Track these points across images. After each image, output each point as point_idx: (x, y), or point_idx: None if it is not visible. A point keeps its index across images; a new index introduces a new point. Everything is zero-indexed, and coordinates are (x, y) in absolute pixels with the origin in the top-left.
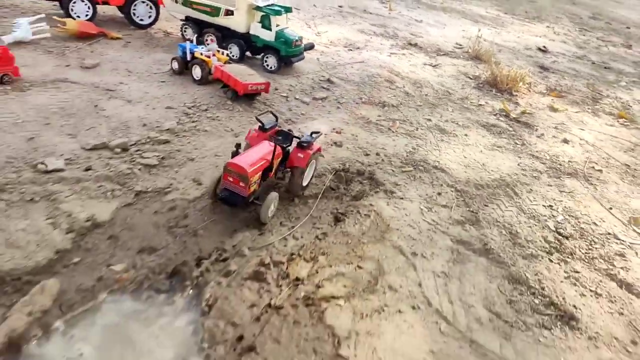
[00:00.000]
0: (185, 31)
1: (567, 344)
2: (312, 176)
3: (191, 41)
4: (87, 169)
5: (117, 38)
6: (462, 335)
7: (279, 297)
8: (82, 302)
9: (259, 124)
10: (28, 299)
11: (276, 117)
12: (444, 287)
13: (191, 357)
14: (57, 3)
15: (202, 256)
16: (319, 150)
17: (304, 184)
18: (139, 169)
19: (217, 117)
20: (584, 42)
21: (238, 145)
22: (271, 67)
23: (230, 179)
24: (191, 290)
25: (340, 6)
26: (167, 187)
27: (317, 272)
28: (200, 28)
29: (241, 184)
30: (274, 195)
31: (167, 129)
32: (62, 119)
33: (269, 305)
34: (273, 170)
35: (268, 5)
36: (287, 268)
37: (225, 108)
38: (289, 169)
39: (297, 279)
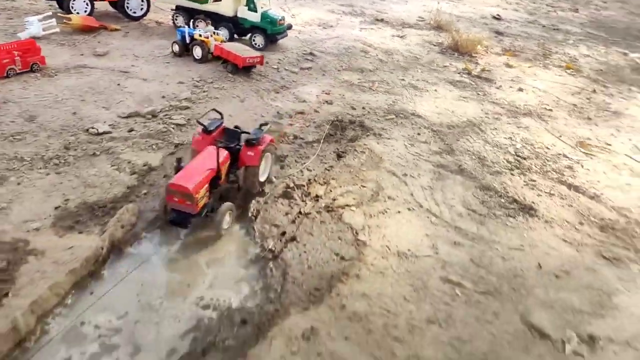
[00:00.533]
0: (176, 19)
1: (529, 225)
2: (270, 168)
3: (187, 27)
4: (130, 130)
5: (116, 29)
6: (448, 224)
7: (305, 207)
8: (158, 219)
9: (201, 127)
10: (118, 217)
11: (221, 114)
12: (431, 195)
13: (249, 248)
14: (53, 3)
15: (239, 186)
16: (271, 141)
17: (262, 179)
18: (172, 128)
19: (223, 87)
20: (534, 9)
21: (179, 160)
22: (259, 45)
23: (176, 199)
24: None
25: None
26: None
27: (331, 191)
28: (190, 15)
29: (187, 202)
30: (227, 206)
31: (185, 98)
32: (93, 96)
33: (300, 212)
34: (223, 177)
35: None
36: (307, 189)
37: (228, 80)
38: (241, 169)
39: (317, 196)
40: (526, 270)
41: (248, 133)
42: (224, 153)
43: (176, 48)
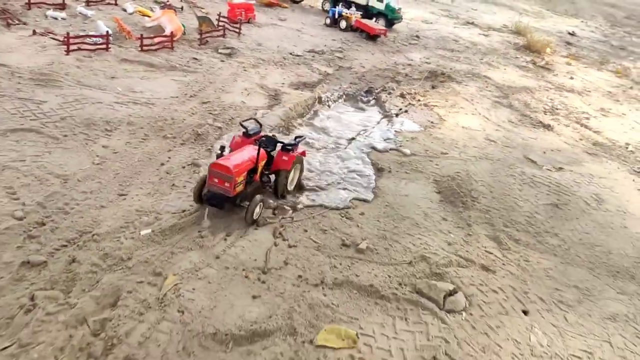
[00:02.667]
0: (325, 4)
1: (544, 133)
2: (299, 179)
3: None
4: (312, 57)
5: (286, 7)
6: (494, 123)
7: (411, 103)
8: (337, 94)
9: (243, 130)
10: (318, 87)
11: (260, 124)
12: (487, 111)
13: (380, 113)
14: None
15: (376, 87)
16: (303, 154)
17: (290, 187)
18: (335, 58)
19: (360, 45)
20: (611, 33)
21: (222, 148)
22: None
23: (216, 180)
24: (374, 99)
25: None
26: (350, 66)
27: (427, 99)
28: (335, 2)
29: (226, 184)
30: (259, 198)
31: (338, 47)
32: (286, 39)
33: (409, 103)
34: (258, 173)
35: None
36: (414, 95)
37: (362, 42)
38: (273, 174)
39: (419, 100)
40: (534, 146)
41: (282, 142)
42: (262, 152)
43: (328, 21)
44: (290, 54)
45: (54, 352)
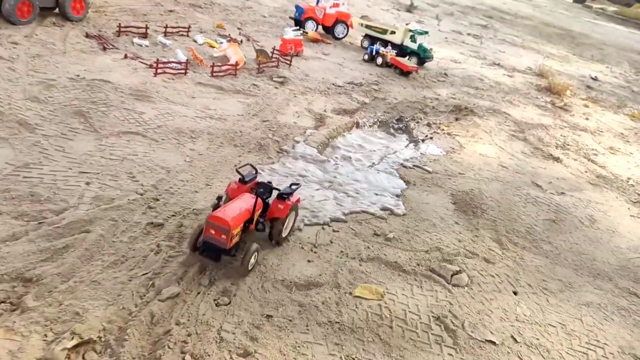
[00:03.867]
0: (363, 42)
1: (553, 164)
2: (293, 227)
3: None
4: (352, 88)
5: (329, 43)
6: (509, 153)
7: (437, 131)
8: (374, 118)
9: (239, 176)
10: (357, 115)
11: (255, 170)
12: (503, 143)
13: (406, 140)
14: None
15: (406, 117)
16: (298, 201)
17: (284, 234)
18: (372, 90)
19: (394, 80)
20: (634, 80)
21: (219, 198)
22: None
23: (212, 232)
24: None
25: (446, 38)
26: (384, 97)
27: (450, 130)
28: (372, 41)
29: (223, 236)
30: (254, 248)
31: (374, 81)
32: (329, 72)
33: (434, 132)
34: (253, 222)
35: (415, 30)
36: (438, 125)
37: (396, 78)
38: (269, 220)
39: (442, 129)
40: (541, 174)
41: (278, 189)
42: (258, 201)
43: (366, 57)
44: (333, 84)
45: (177, 279)
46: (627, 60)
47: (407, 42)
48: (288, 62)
